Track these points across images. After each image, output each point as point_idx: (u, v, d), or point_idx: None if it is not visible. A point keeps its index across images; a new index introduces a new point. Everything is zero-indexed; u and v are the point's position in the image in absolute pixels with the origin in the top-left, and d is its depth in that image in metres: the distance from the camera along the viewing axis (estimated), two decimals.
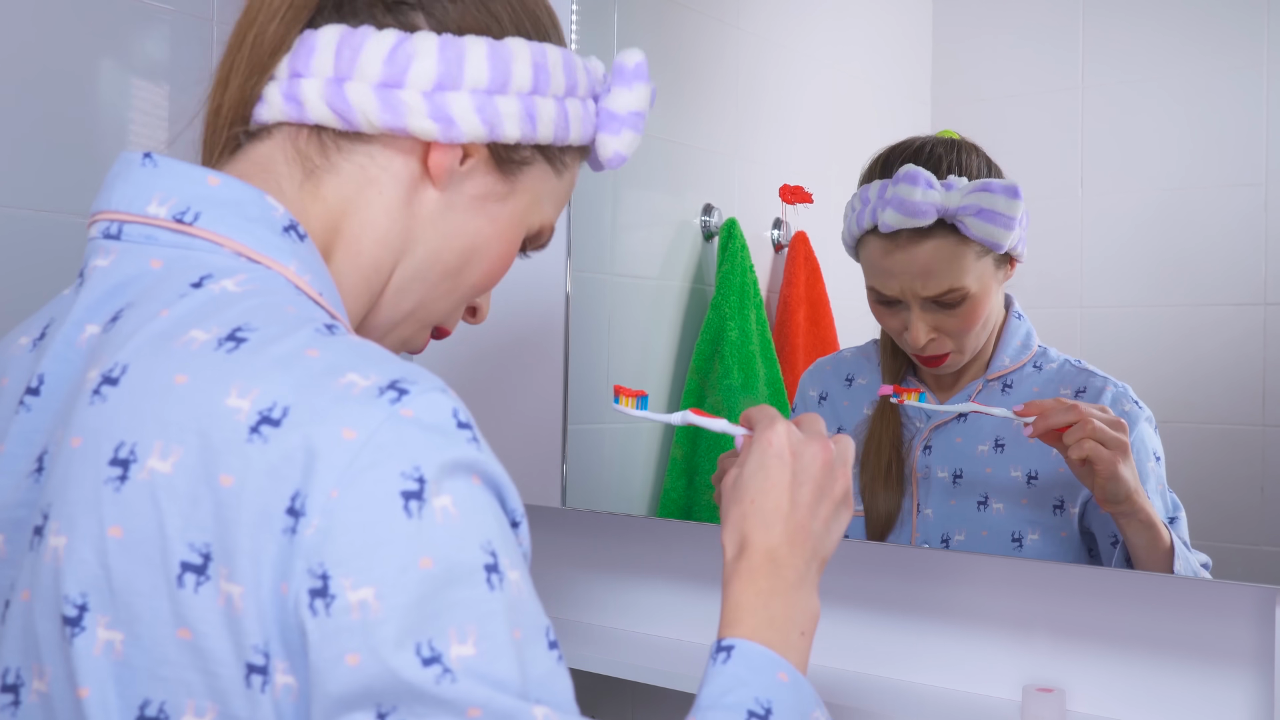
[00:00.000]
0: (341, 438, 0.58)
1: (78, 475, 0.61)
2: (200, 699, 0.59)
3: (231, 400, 0.60)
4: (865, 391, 1.36)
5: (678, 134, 1.55)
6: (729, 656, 0.77)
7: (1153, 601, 1.21)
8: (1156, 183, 1.21)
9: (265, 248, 0.70)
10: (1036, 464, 1.24)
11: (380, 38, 0.74)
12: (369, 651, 0.57)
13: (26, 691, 0.62)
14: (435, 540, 0.58)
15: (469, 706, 0.57)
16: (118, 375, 0.63)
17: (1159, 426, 1.18)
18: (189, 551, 0.59)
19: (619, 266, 1.57)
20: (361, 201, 0.76)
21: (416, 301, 0.80)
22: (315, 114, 0.74)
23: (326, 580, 0.57)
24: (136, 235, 0.70)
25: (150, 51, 1.39)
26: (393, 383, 0.61)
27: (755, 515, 0.82)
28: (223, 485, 0.58)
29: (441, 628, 0.58)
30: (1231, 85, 1.17)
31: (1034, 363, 1.27)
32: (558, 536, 1.66)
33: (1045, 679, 1.27)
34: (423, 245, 0.78)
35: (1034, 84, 1.27)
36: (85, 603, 0.60)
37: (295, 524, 0.57)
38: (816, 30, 1.47)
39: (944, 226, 1.23)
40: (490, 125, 0.76)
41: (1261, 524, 1.13)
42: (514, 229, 0.82)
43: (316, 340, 0.63)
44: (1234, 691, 1.16)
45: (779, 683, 0.76)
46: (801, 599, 0.81)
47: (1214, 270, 1.16)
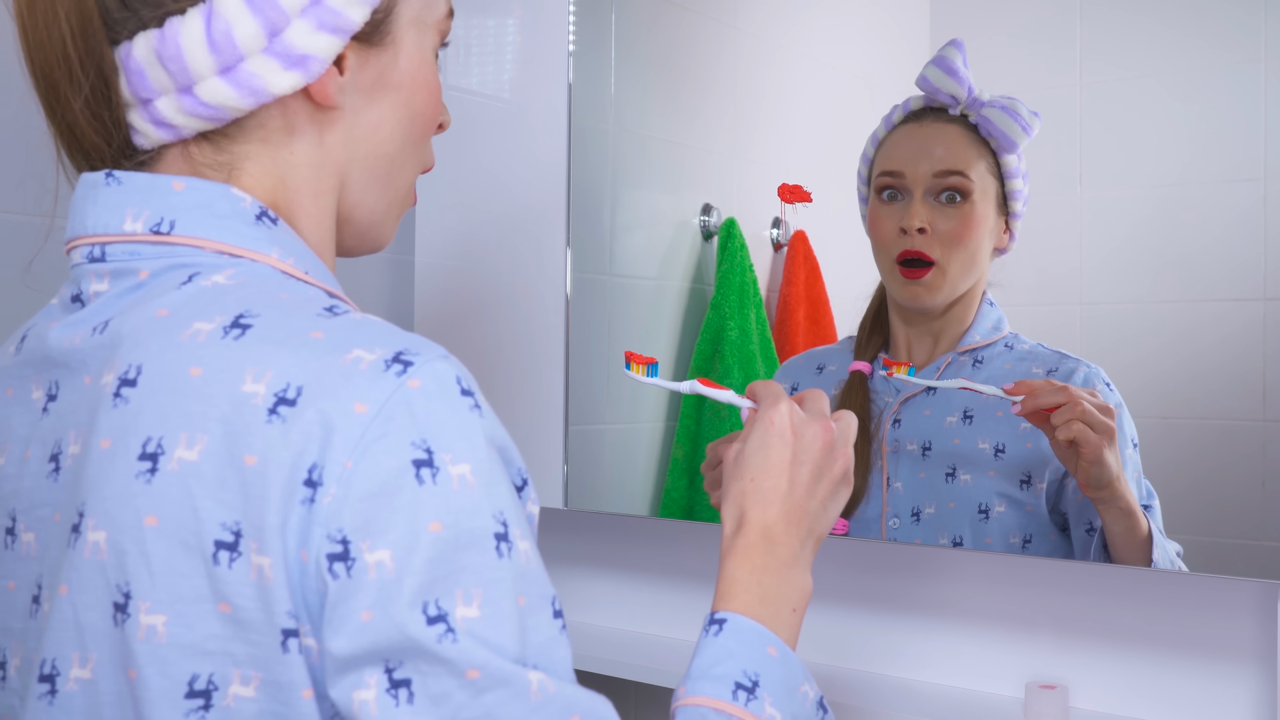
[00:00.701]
0: (354, 411, 0.61)
1: (109, 473, 0.64)
2: (245, 668, 0.62)
3: (247, 385, 0.63)
4: (833, 376, 1.39)
5: (676, 134, 1.56)
6: (720, 629, 0.79)
7: (1155, 598, 1.21)
8: (1155, 179, 1.21)
9: (243, 240, 0.71)
10: (1004, 437, 1.25)
11: (188, 26, 0.69)
12: (381, 608, 0.60)
13: (64, 681, 0.64)
14: (447, 506, 0.61)
15: (468, 667, 0.60)
16: (134, 376, 0.65)
17: (1158, 422, 1.18)
18: (221, 530, 0.62)
19: (619, 267, 1.57)
20: (280, 170, 0.75)
21: (383, 188, 0.80)
22: (189, 128, 0.72)
23: (346, 545, 0.60)
24: (120, 254, 0.71)
25: None
26: (397, 355, 0.63)
27: (755, 493, 0.84)
28: (247, 465, 0.61)
29: (449, 589, 0.60)
30: (1229, 81, 1.17)
31: (1005, 343, 1.29)
32: (560, 537, 1.66)
33: (1048, 676, 1.27)
34: (357, 160, 0.78)
35: (1032, 81, 1.27)
36: (129, 590, 0.63)
37: (313, 494, 0.60)
38: (814, 29, 1.47)
39: (965, 123, 1.28)
40: (339, 29, 0.72)
41: (1262, 519, 1.13)
42: (423, 68, 0.79)
43: (318, 323, 0.65)
44: (1236, 686, 1.16)
45: (768, 656, 0.78)
46: (795, 576, 0.83)
47: (1213, 266, 1.16)
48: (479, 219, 1.61)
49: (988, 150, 1.28)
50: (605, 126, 1.57)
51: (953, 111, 1.29)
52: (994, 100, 1.27)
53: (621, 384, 1.55)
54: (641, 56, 1.58)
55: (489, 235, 1.62)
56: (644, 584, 1.57)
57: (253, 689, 0.62)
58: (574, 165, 1.54)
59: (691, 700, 0.76)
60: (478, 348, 1.65)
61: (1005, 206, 1.28)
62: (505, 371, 1.61)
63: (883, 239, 1.32)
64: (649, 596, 1.56)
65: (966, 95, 1.28)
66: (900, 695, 1.29)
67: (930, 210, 1.27)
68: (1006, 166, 1.27)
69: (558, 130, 1.56)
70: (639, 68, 1.58)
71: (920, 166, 1.29)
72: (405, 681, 0.60)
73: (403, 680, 0.60)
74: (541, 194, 1.57)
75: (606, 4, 1.56)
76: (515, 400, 1.60)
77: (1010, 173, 1.28)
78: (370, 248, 0.84)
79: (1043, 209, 1.26)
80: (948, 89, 1.28)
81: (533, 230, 1.59)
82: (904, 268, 1.30)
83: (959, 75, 1.28)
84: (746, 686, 0.76)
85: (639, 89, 1.58)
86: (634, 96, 1.58)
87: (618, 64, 1.57)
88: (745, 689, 0.76)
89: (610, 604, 1.60)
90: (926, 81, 1.30)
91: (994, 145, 1.27)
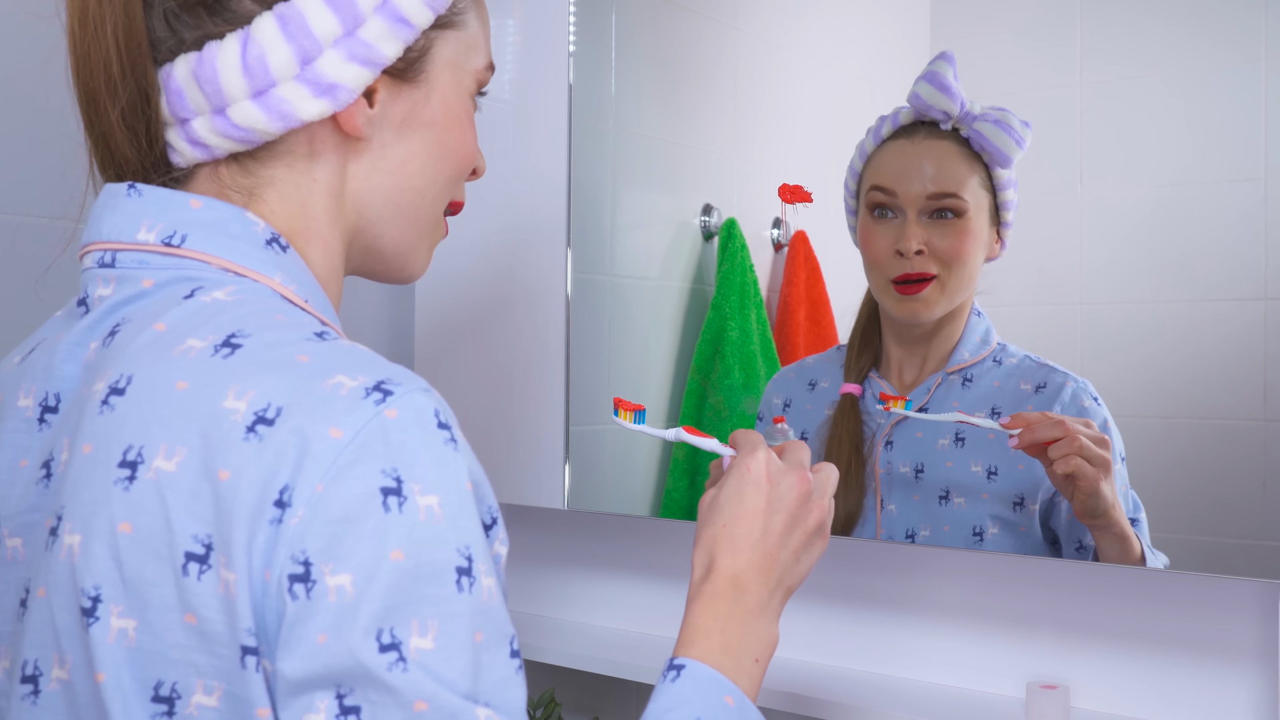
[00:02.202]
0: (329, 436, 0.62)
1: (89, 478, 0.66)
2: (208, 678, 0.63)
3: (229, 402, 0.64)
4: (827, 394, 1.38)
5: (676, 134, 1.56)
6: (678, 675, 0.79)
7: (1156, 597, 1.21)
8: (1156, 179, 1.21)
9: (250, 261, 0.73)
10: (996, 459, 1.25)
11: (225, 50, 0.73)
12: (336, 632, 0.60)
13: (46, 681, 0.66)
14: (411, 536, 0.61)
15: (416, 698, 0.60)
16: (123, 385, 0.67)
17: (1159, 422, 1.18)
18: (192, 542, 0.63)
19: (619, 267, 1.57)
20: (301, 196, 0.77)
21: (408, 222, 0.82)
22: (221, 148, 0.75)
23: (309, 566, 0.61)
24: (130, 261, 0.73)
25: None
26: (378, 384, 0.64)
27: (725, 539, 0.84)
28: (221, 480, 0.62)
29: (405, 619, 0.61)
30: (1230, 80, 1.17)
31: (993, 357, 1.29)
32: (560, 537, 1.66)
33: (1049, 676, 1.27)
34: (380, 191, 0.80)
35: (1032, 81, 1.27)
36: (99, 594, 0.64)
37: (282, 514, 0.61)
38: (814, 29, 1.47)
39: (958, 137, 1.28)
40: (370, 62, 0.75)
41: (1264, 519, 1.13)
42: (456, 108, 0.82)
43: (305, 346, 0.66)
44: (1237, 686, 1.16)
45: (724, 705, 0.78)
46: (760, 627, 0.83)
47: (1214, 265, 1.16)
48: (479, 219, 1.60)
49: (980, 164, 1.27)
50: (605, 126, 1.57)
51: (944, 126, 1.28)
52: (985, 113, 1.26)
53: (622, 384, 1.55)
54: (641, 56, 1.58)
55: (489, 235, 1.62)
56: (644, 584, 1.57)
57: (215, 699, 0.63)
58: (574, 165, 1.54)
59: None
60: (478, 348, 1.65)
61: (997, 216, 1.28)
62: (506, 372, 1.61)
63: (877, 259, 1.31)
64: (649, 596, 1.56)
65: (959, 110, 1.27)
66: (901, 695, 1.30)
67: (925, 229, 1.27)
68: (999, 179, 1.27)
69: (558, 130, 1.56)
70: (639, 68, 1.58)
71: (914, 186, 1.28)
72: (355, 709, 0.60)
73: (352, 707, 0.60)
74: (541, 194, 1.57)
75: (606, 4, 1.56)
76: (516, 400, 1.60)
77: (1002, 185, 1.27)
78: (400, 277, 0.86)
79: (1043, 209, 1.26)
80: (940, 105, 1.27)
81: (533, 230, 1.59)
82: (900, 285, 1.29)
83: (951, 91, 1.27)
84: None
85: (639, 89, 1.58)
86: (634, 96, 1.58)
87: (618, 64, 1.57)
88: None
89: (610, 604, 1.60)
90: (919, 99, 1.29)
91: (986, 159, 1.27)
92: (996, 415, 1.24)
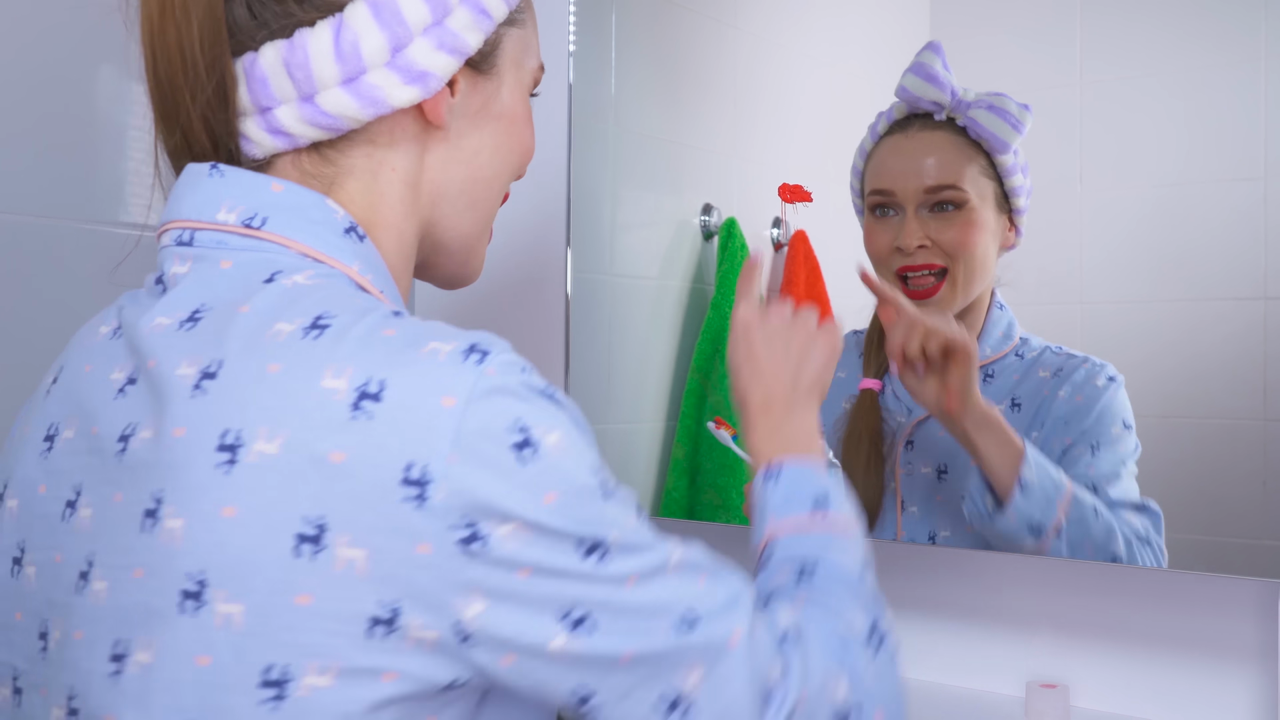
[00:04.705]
0: (442, 406, 0.64)
1: (186, 462, 0.66)
2: (322, 658, 0.63)
3: (327, 382, 0.65)
4: (844, 386, 1.37)
5: (677, 134, 1.56)
6: (778, 477, 0.92)
7: (1155, 596, 1.21)
8: (1155, 178, 1.21)
9: (329, 249, 0.74)
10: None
11: (318, 37, 0.74)
12: (536, 564, 0.64)
13: (130, 663, 0.66)
14: (553, 474, 0.65)
15: (627, 575, 0.67)
16: (215, 370, 0.67)
17: (1159, 421, 1.18)
18: (303, 524, 0.63)
19: (619, 266, 1.57)
20: (380, 186, 0.78)
21: (476, 213, 0.85)
22: (305, 137, 0.76)
23: (475, 529, 0.63)
24: (208, 241, 0.73)
25: None
26: (471, 346, 0.66)
27: (743, 384, 1.00)
28: (333, 461, 0.63)
29: (589, 532, 0.66)
30: (1229, 80, 1.17)
31: (1016, 352, 1.27)
32: None
33: (1049, 675, 1.27)
34: (454, 182, 0.82)
35: (1032, 81, 1.27)
36: (205, 579, 0.64)
37: (421, 492, 0.63)
38: (814, 29, 1.47)
39: (953, 127, 1.26)
40: (457, 50, 0.77)
41: (1263, 518, 1.13)
42: (521, 105, 0.85)
43: (388, 322, 0.68)
44: (1237, 685, 1.16)
45: (817, 475, 0.93)
46: (798, 420, 0.98)
47: (1213, 265, 1.17)
48: None
49: (979, 152, 1.26)
50: (605, 126, 1.57)
51: (938, 117, 1.27)
52: (980, 100, 1.25)
53: (622, 383, 1.55)
54: (641, 56, 1.58)
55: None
56: None
57: (329, 678, 0.63)
58: (574, 165, 1.54)
59: (783, 526, 0.88)
60: None
61: (1007, 203, 1.26)
62: None
63: (880, 257, 1.30)
64: None
65: (950, 99, 1.26)
66: None
67: (926, 224, 1.26)
68: (1002, 166, 1.26)
69: (558, 130, 1.56)
70: (639, 68, 1.58)
71: (910, 183, 1.27)
72: (582, 618, 0.66)
73: (580, 618, 0.66)
74: (541, 193, 1.57)
75: (606, 4, 1.56)
76: None
77: (1007, 171, 1.26)
78: (462, 274, 0.88)
79: (1043, 208, 1.26)
80: (930, 96, 1.26)
81: (533, 230, 1.59)
82: (911, 291, 1.27)
83: (939, 80, 1.26)
84: (820, 500, 0.90)
85: (639, 89, 1.58)
86: (634, 96, 1.58)
87: (618, 64, 1.57)
88: (819, 503, 0.90)
89: None
90: (906, 91, 1.28)
91: (985, 147, 1.25)
92: (1017, 408, 1.23)
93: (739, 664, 0.70)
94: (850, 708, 0.75)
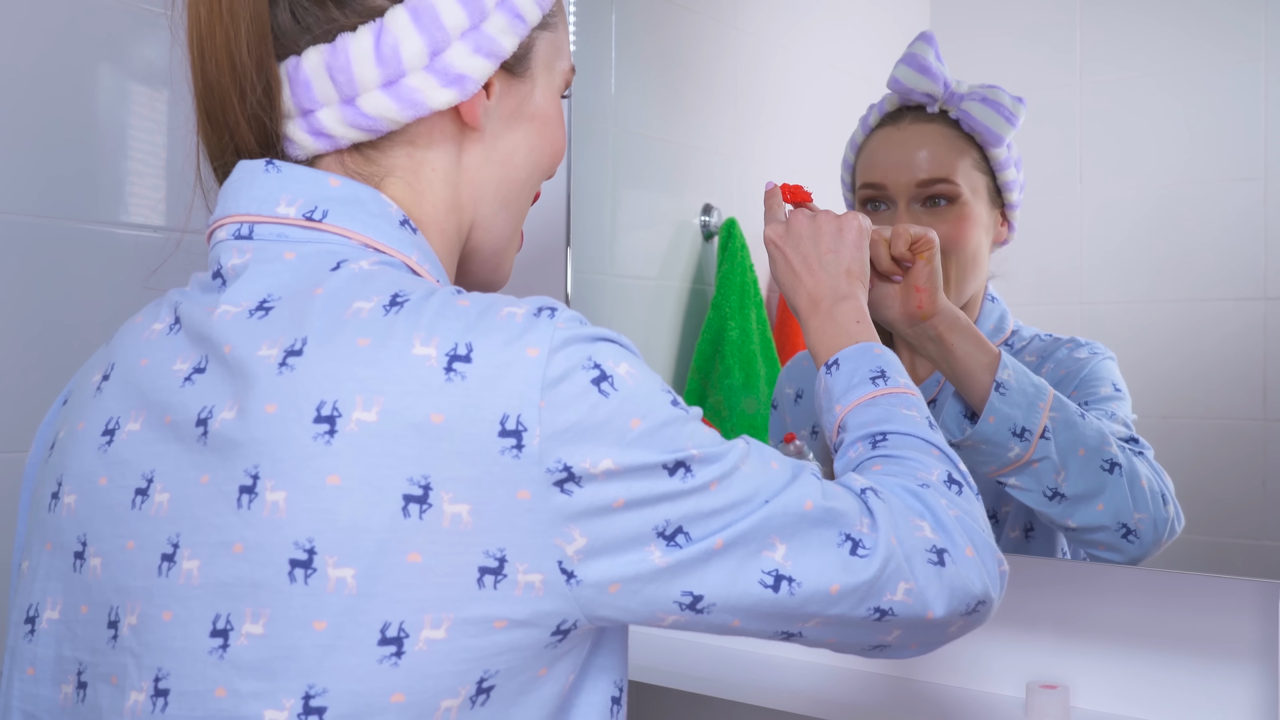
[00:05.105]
0: (528, 356, 0.68)
1: (282, 436, 0.68)
2: (436, 611, 0.66)
3: (418, 349, 0.68)
4: None
5: (677, 134, 1.56)
6: (836, 365, 0.98)
7: (1155, 597, 1.21)
8: (1155, 178, 1.21)
9: (388, 239, 0.77)
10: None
11: (359, 41, 0.76)
12: (628, 493, 0.68)
13: (236, 636, 0.68)
14: (634, 402, 0.69)
15: (710, 480, 0.71)
16: (300, 348, 0.70)
17: (1158, 421, 1.18)
18: (409, 485, 0.66)
19: (619, 267, 1.57)
20: (421, 185, 0.81)
21: (510, 215, 0.88)
22: (346, 138, 0.78)
23: (569, 469, 0.67)
24: (268, 234, 0.76)
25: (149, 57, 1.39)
26: (540, 307, 0.71)
27: (788, 294, 1.07)
28: (433, 423, 0.66)
29: (671, 452, 0.70)
30: (1229, 80, 1.17)
31: (1007, 343, 1.26)
32: None
33: (1049, 676, 1.27)
34: (490, 183, 0.84)
35: (1032, 81, 1.27)
36: (313, 547, 0.66)
37: (518, 441, 0.67)
38: (815, 30, 1.47)
39: (946, 120, 1.25)
40: (493, 54, 0.79)
41: (1263, 519, 1.13)
42: (553, 106, 0.87)
43: (458, 295, 0.72)
44: (1237, 686, 1.16)
45: (874, 354, 0.97)
46: (843, 309, 1.03)
47: (1213, 265, 1.17)
48: None
49: (972, 145, 1.24)
50: (605, 126, 1.57)
51: (930, 109, 1.26)
52: (973, 92, 1.24)
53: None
54: (641, 56, 1.58)
55: None
56: None
57: (443, 631, 0.66)
58: (574, 165, 1.55)
59: (849, 408, 0.93)
60: None
61: (999, 198, 1.25)
62: None
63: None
64: None
65: (943, 91, 1.24)
66: (901, 695, 1.30)
67: (918, 218, 1.24)
68: (995, 160, 1.25)
69: None
70: (639, 68, 1.58)
71: (901, 177, 1.25)
72: (674, 533, 0.69)
73: (674, 532, 0.69)
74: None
75: (606, 4, 1.56)
76: None
77: (1000, 164, 1.24)
78: (492, 284, 0.91)
79: (1043, 208, 1.26)
80: (922, 88, 1.25)
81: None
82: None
83: (932, 72, 1.24)
84: (877, 376, 0.95)
85: (639, 89, 1.59)
86: (634, 96, 1.58)
87: (618, 64, 1.57)
88: (877, 378, 0.94)
89: None
90: (898, 83, 1.26)
91: (978, 140, 1.24)
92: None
93: (821, 525, 0.74)
94: (943, 546, 0.79)
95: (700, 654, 1.43)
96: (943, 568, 0.78)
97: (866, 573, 0.74)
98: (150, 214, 1.38)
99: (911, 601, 0.76)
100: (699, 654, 1.43)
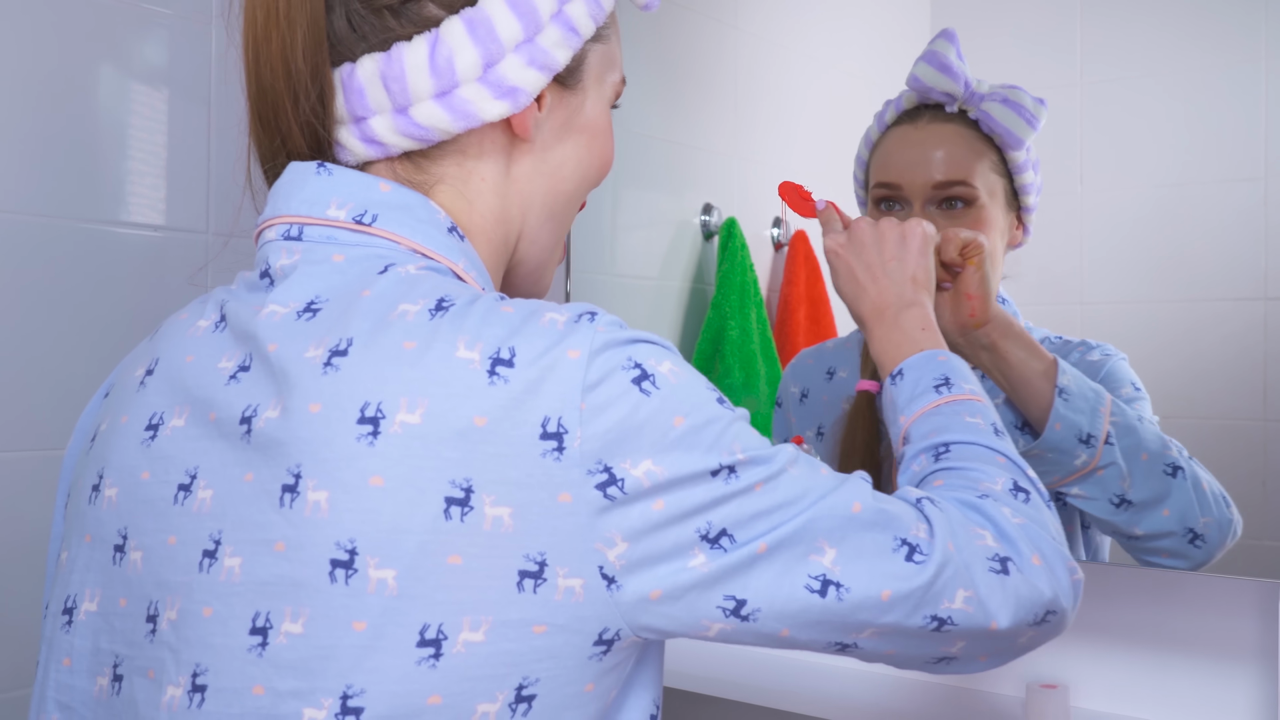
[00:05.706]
0: (569, 358, 0.68)
1: (325, 436, 0.68)
2: (475, 614, 0.66)
3: (461, 353, 0.68)
4: (845, 385, 1.33)
5: (677, 134, 1.56)
6: (901, 375, 0.97)
7: (1156, 597, 1.21)
8: (1155, 179, 1.21)
9: (436, 245, 0.78)
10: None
11: (414, 51, 0.76)
12: (670, 497, 0.68)
13: (274, 634, 0.68)
14: (676, 400, 0.69)
15: (755, 481, 0.70)
16: (345, 348, 0.70)
17: (1159, 421, 1.18)
18: (451, 488, 0.66)
19: (619, 266, 1.57)
20: (470, 194, 0.81)
21: (555, 228, 0.87)
22: (397, 146, 0.79)
23: (610, 470, 0.67)
24: (317, 236, 0.76)
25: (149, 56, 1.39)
26: (581, 312, 0.71)
27: (851, 304, 1.07)
28: (476, 426, 0.66)
29: (715, 454, 0.69)
30: (1229, 81, 1.17)
31: None
32: None
33: (1049, 675, 1.27)
34: (539, 195, 0.84)
35: (1032, 82, 1.27)
36: (355, 548, 0.66)
37: (559, 443, 0.67)
38: (815, 30, 1.48)
39: (965, 120, 1.22)
40: (546, 67, 0.79)
41: (1264, 519, 1.13)
42: (603, 118, 0.87)
43: (501, 302, 0.72)
44: (1237, 686, 1.16)
45: (938, 361, 0.96)
46: (908, 317, 1.02)
47: (1213, 265, 1.17)
48: None
49: (991, 147, 1.21)
50: None
51: (949, 109, 1.23)
52: (994, 93, 1.21)
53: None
54: (641, 56, 1.58)
55: None
56: None
57: (482, 633, 0.66)
58: None
59: (913, 418, 0.92)
60: None
61: (1016, 201, 1.23)
62: None
63: None
64: None
65: (964, 90, 1.21)
66: (901, 695, 1.30)
67: (934, 220, 1.19)
68: (1014, 162, 1.22)
69: None
70: (639, 68, 1.58)
71: (918, 177, 1.22)
72: (718, 536, 0.68)
73: (717, 535, 0.69)
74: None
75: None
76: None
77: (1018, 167, 1.22)
78: (535, 293, 0.90)
79: (1043, 208, 1.26)
80: (942, 87, 1.21)
81: None
82: None
83: (953, 71, 1.21)
84: (941, 384, 0.94)
85: (639, 89, 1.59)
86: (634, 96, 1.58)
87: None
88: (941, 386, 0.94)
89: None
90: (918, 81, 1.22)
91: (998, 142, 1.21)
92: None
93: (872, 528, 0.73)
94: (1007, 554, 0.77)
95: (705, 655, 1.43)
96: (1006, 576, 0.75)
97: (920, 578, 0.72)
98: (150, 213, 1.38)
99: (973, 610, 0.74)
100: (704, 654, 1.44)
